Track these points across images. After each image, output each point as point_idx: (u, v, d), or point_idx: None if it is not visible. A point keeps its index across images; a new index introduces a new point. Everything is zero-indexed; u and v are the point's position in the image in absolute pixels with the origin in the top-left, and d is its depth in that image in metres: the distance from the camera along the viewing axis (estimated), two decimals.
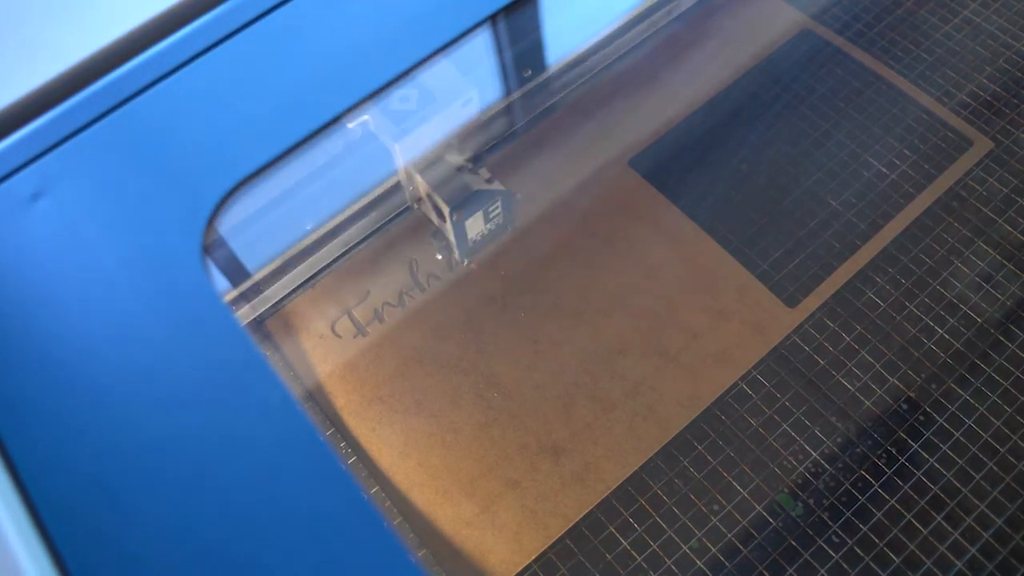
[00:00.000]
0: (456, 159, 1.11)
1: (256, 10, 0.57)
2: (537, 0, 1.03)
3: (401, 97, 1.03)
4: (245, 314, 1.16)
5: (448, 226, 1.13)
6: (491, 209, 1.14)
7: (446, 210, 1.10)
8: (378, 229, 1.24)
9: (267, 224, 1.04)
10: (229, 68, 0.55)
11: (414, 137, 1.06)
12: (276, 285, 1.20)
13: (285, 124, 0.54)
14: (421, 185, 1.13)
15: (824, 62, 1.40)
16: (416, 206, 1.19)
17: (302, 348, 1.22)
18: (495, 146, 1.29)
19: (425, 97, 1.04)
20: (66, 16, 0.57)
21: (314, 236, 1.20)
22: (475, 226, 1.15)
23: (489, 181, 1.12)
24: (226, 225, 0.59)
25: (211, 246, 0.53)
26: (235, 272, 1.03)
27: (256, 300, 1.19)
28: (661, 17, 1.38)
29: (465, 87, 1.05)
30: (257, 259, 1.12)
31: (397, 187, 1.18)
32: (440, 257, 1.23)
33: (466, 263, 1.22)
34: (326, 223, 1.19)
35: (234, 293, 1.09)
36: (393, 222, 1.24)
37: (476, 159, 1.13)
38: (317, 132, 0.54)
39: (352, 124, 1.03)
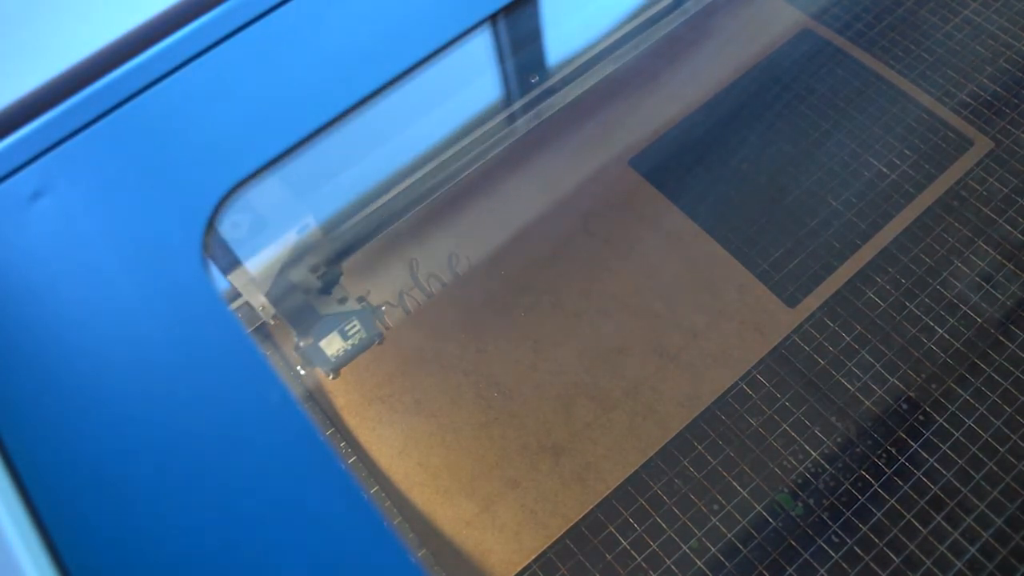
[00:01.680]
0: (306, 279, 1.04)
1: (256, 10, 0.57)
2: (538, 2, 1.03)
3: (232, 224, 0.96)
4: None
5: (301, 347, 1.09)
6: (347, 328, 1.10)
7: (294, 336, 1.06)
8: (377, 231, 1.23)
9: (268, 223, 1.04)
10: (229, 68, 0.55)
11: (253, 263, 0.99)
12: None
13: (285, 124, 0.54)
14: (269, 308, 1.06)
15: (824, 62, 1.40)
16: (273, 323, 1.15)
17: None
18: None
19: (257, 223, 0.97)
20: (66, 16, 0.57)
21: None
22: (333, 345, 1.10)
23: (341, 301, 1.06)
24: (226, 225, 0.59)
25: (211, 246, 0.53)
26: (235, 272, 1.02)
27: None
28: (672, 19, 1.37)
29: (302, 211, 1.00)
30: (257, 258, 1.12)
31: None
32: (303, 372, 1.18)
33: (331, 377, 1.18)
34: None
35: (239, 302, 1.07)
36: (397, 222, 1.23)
37: (328, 277, 1.06)
38: (317, 132, 0.54)
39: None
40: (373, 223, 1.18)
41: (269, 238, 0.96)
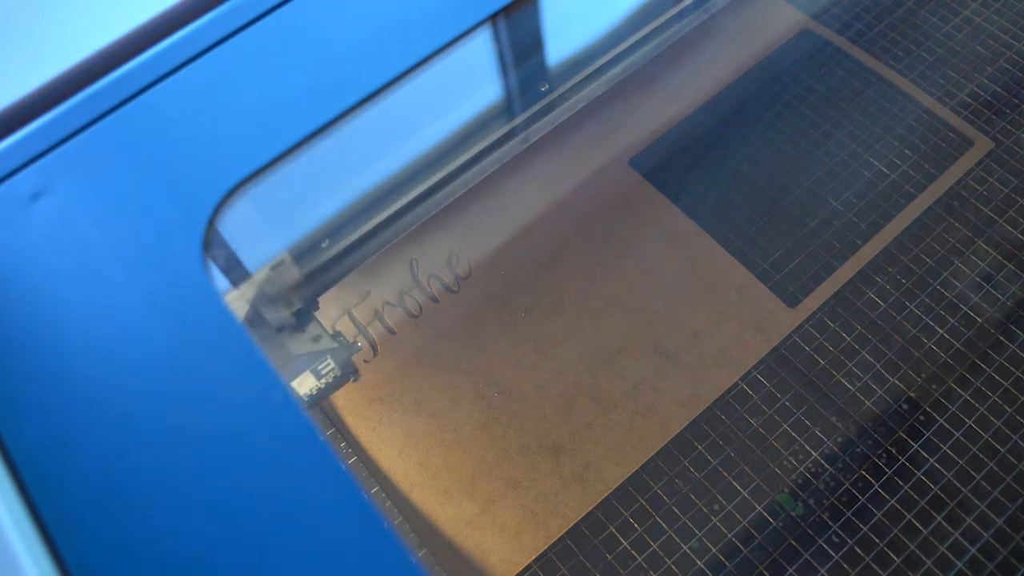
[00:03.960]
0: (279, 316, 0.99)
1: (256, 10, 0.57)
2: (538, 2, 1.03)
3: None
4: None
5: None
6: (321, 367, 1.07)
7: None
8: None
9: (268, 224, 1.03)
10: (229, 68, 0.55)
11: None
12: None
13: (285, 124, 0.54)
14: None
15: (824, 62, 1.40)
16: None
17: None
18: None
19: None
20: (66, 16, 0.57)
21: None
22: (306, 384, 1.08)
23: (316, 339, 1.02)
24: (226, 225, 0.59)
25: (211, 246, 0.53)
26: (235, 272, 1.02)
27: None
28: (680, 28, 1.37)
29: (277, 249, 0.99)
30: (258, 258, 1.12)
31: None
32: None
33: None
34: None
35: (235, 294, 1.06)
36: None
37: (302, 315, 1.01)
38: (318, 132, 0.54)
39: None
40: (347, 256, 1.17)
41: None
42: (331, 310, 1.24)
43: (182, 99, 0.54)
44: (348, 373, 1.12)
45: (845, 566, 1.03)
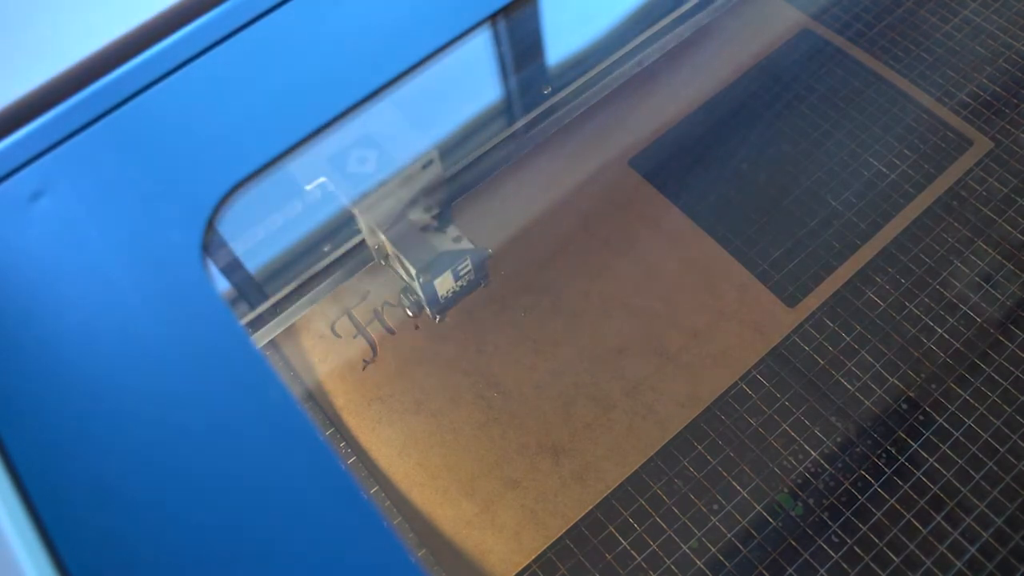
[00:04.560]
0: (422, 218, 1.07)
1: (256, 10, 0.57)
2: (538, 2, 1.03)
3: (359, 158, 0.99)
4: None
5: (416, 285, 1.11)
6: (460, 268, 1.11)
7: (413, 271, 1.07)
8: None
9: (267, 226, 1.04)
10: (229, 68, 0.55)
11: (375, 197, 1.03)
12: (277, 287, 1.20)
13: (285, 124, 0.54)
14: (387, 246, 1.09)
15: (824, 62, 1.40)
16: (384, 263, 1.17)
17: (302, 348, 1.22)
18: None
19: (383, 158, 1.00)
20: (66, 16, 0.57)
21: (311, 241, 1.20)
22: (445, 284, 1.11)
23: (457, 240, 1.08)
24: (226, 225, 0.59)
25: (211, 246, 0.53)
26: (235, 272, 1.02)
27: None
28: (682, 31, 1.37)
29: (429, 147, 1.02)
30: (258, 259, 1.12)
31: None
32: (411, 315, 1.20)
33: (438, 320, 1.20)
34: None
35: (251, 315, 1.08)
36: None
37: (443, 217, 1.09)
38: (317, 132, 0.54)
39: (311, 186, 1.00)
40: (495, 158, 1.20)
41: (395, 172, 0.98)
42: (331, 310, 1.24)
43: (182, 99, 0.54)
44: (480, 278, 1.15)
45: (845, 566, 1.03)
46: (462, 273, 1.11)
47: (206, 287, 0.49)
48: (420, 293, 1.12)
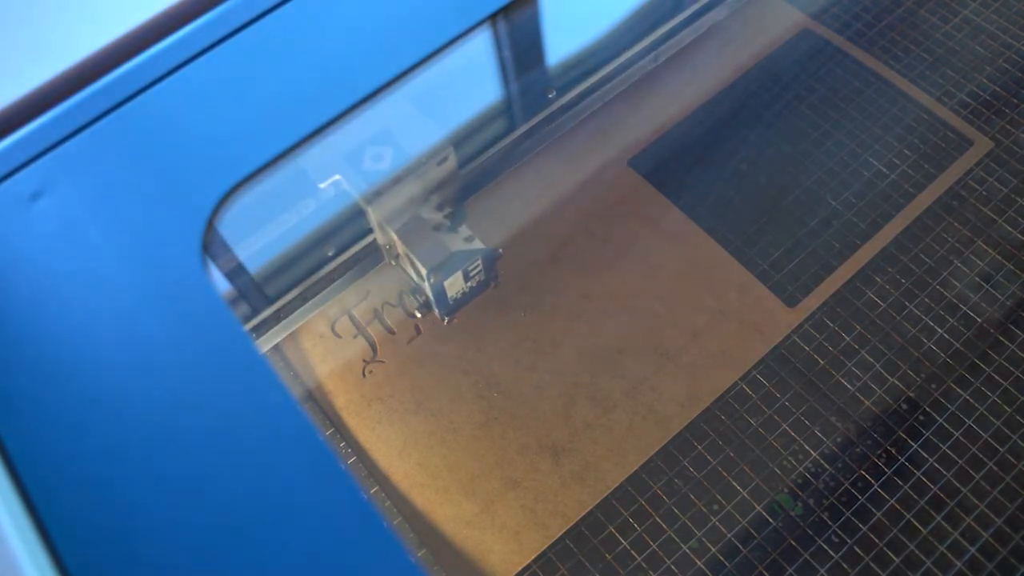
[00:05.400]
0: (434, 217, 1.06)
1: (256, 10, 0.57)
2: (538, 2, 1.03)
3: (373, 155, 0.99)
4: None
5: (427, 286, 1.10)
6: (471, 268, 1.10)
7: (424, 271, 1.06)
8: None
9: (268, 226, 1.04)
10: (229, 68, 0.55)
11: (388, 196, 1.01)
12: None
13: (285, 124, 0.54)
14: (398, 244, 1.09)
15: (824, 62, 1.40)
16: (394, 263, 1.15)
17: (302, 348, 1.22)
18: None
19: (398, 155, 0.99)
20: (66, 16, 0.57)
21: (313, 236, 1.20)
22: (455, 285, 1.11)
23: (468, 239, 1.07)
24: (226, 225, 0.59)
25: (211, 246, 0.53)
26: (235, 272, 1.03)
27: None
28: (684, 37, 1.37)
29: (442, 144, 1.02)
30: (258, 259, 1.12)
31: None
32: (419, 315, 1.19)
33: (446, 321, 1.19)
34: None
35: (255, 321, 1.07)
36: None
37: (455, 216, 1.08)
38: (317, 132, 0.54)
39: (324, 184, 0.99)
40: (500, 159, 1.19)
41: (410, 169, 0.95)
42: (331, 310, 1.24)
43: (181, 99, 0.54)
44: (490, 278, 1.15)
45: (845, 566, 1.03)
46: (473, 274, 1.11)
47: (206, 287, 0.49)
48: (430, 294, 1.11)
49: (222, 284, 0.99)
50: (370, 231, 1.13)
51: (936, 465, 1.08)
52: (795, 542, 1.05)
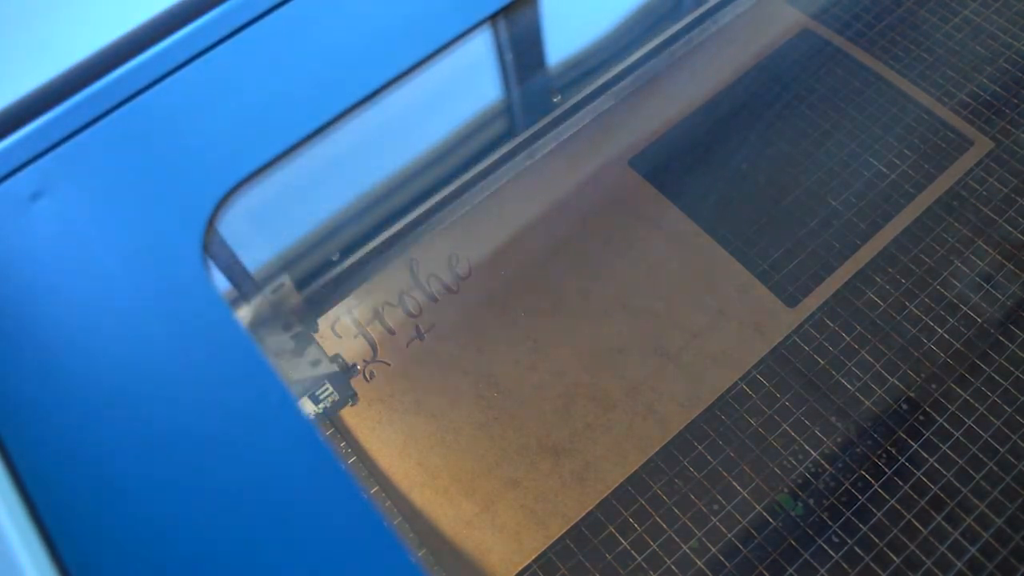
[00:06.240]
0: (277, 340, 0.96)
1: (256, 10, 0.57)
2: (538, 2, 1.02)
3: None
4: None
5: None
6: (320, 392, 1.04)
7: None
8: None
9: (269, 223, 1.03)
10: (229, 68, 0.55)
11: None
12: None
13: (285, 124, 0.54)
14: None
15: (824, 62, 1.40)
16: None
17: None
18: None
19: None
20: (66, 16, 0.57)
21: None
22: (304, 409, 1.06)
23: (315, 364, 0.97)
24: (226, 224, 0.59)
25: (211, 246, 0.53)
26: (235, 272, 1.02)
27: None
28: (688, 41, 1.37)
29: (276, 250, 0.95)
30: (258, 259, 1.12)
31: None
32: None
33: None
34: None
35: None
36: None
37: (300, 338, 0.98)
38: (317, 132, 0.54)
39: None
40: (347, 278, 1.16)
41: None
42: (331, 310, 1.24)
43: (181, 99, 0.54)
44: (347, 397, 1.10)
45: (845, 566, 1.03)
46: (322, 397, 1.04)
47: (206, 287, 0.49)
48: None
49: (222, 284, 0.99)
50: (377, 231, 1.13)
51: (936, 465, 1.08)
52: (795, 542, 1.05)
